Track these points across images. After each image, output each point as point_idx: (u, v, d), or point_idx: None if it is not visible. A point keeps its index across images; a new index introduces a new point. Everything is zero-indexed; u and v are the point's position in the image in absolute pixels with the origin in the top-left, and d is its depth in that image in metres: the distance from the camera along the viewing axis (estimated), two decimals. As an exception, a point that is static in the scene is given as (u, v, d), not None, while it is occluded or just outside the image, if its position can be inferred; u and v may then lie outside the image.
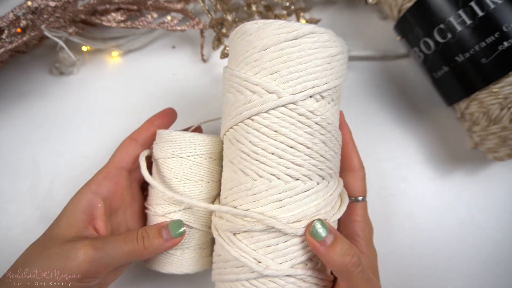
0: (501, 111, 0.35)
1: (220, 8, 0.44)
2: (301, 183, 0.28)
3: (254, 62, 0.28)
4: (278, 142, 0.28)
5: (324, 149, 0.28)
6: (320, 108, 0.28)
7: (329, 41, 0.28)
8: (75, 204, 0.31)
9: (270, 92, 0.27)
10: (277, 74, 0.27)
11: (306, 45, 0.27)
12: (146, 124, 0.35)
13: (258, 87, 0.27)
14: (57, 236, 0.29)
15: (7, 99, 0.45)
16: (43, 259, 0.27)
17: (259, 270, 0.27)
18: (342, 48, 0.29)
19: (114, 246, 0.29)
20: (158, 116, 0.36)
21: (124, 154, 0.33)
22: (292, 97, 0.27)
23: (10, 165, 0.44)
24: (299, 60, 0.27)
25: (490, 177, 0.44)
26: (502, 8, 0.33)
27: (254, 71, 0.28)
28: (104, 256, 0.28)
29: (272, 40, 0.27)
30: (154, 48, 0.48)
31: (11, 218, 0.42)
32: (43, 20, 0.40)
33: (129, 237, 0.30)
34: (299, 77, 0.27)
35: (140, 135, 0.34)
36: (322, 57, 0.27)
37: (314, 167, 0.28)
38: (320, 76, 0.27)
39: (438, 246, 0.43)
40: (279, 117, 0.27)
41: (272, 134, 0.28)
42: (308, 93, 0.27)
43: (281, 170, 0.28)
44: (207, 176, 0.34)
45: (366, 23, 0.49)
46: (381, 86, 0.47)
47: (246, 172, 0.29)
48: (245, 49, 0.28)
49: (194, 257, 0.34)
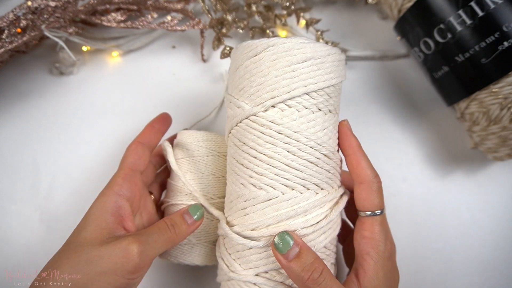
0: (501, 111, 0.35)
1: (220, 8, 0.44)
2: (264, 192, 0.28)
3: (232, 82, 0.31)
4: (244, 152, 0.29)
5: (290, 158, 0.28)
6: (284, 118, 0.28)
7: (291, 50, 0.28)
8: (101, 207, 0.31)
9: (238, 107, 0.30)
10: (243, 90, 0.29)
11: (265, 58, 0.28)
12: (148, 128, 0.37)
13: (232, 104, 0.30)
14: (89, 241, 0.29)
15: (7, 99, 0.45)
16: (82, 264, 0.27)
17: (227, 273, 0.30)
18: (312, 54, 0.28)
19: (153, 238, 0.30)
20: (157, 120, 0.37)
21: (136, 157, 0.34)
22: (251, 109, 0.28)
23: (10, 165, 0.44)
24: (259, 74, 0.28)
25: (490, 177, 0.44)
26: (502, 8, 0.33)
27: (231, 90, 0.31)
28: (149, 248, 0.29)
29: (240, 60, 0.30)
30: (154, 48, 0.48)
31: (11, 218, 0.42)
32: (43, 20, 0.40)
33: (161, 227, 0.31)
34: (258, 90, 0.28)
35: (145, 138, 0.36)
36: (281, 66, 0.28)
37: (278, 177, 0.28)
38: (279, 86, 0.28)
39: (438, 246, 0.43)
40: (244, 129, 0.29)
41: (240, 144, 0.30)
42: (267, 104, 0.28)
43: (246, 179, 0.29)
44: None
45: (366, 23, 0.49)
46: (381, 86, 0.47)
47: (228, 181, 0.32)
48: (230, 70, 0.32)
49: (205, 251, 0.36)
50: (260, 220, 0.28)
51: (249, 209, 0.29)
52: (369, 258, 0.29)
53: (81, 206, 0.40)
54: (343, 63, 0.31)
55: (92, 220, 0.30)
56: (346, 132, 0.31)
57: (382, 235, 0.29)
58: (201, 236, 0.35)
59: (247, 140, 0.29)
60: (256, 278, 0.29)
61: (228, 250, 0.31)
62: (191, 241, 0.35)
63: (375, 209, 0.30)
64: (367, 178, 0.30)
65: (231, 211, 0.31)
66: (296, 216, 0.28)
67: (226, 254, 0.31)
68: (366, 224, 0.30)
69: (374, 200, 0.30)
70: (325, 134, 0.29)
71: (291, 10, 0.45)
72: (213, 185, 0.36)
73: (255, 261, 0.29)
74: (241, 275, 0.29)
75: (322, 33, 0.45)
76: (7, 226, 0.42)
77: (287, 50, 0.28)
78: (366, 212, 0.30)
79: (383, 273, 0.28)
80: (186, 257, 0.35)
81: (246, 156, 0.29)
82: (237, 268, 0.30)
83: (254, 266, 0.29)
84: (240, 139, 0.30)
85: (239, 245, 0.30)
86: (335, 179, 0.30)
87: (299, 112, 0.28)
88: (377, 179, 0.30)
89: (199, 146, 0.36)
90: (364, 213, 0.30)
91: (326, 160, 0.29)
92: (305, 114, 0.28)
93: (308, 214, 0.29)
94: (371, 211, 0.30)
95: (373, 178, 0.30)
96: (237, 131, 0.30)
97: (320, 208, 0.29)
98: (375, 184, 0.30)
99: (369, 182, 0.30)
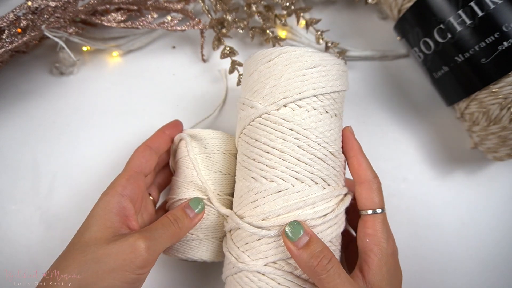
0: (501, 111, 0.35)
1: (220, 8, 0.44)
2: (274, 184, 0.30)
3: (245, 87, 0.34)
4: (256, 148, 0.31)
5: (300, 153, 0.30)
6: (295, 116, 0.30)
7: (302, 56, 0.31)
8: (105, 207, 0.31)
9: (251, 107, 0.32)
10: (256, 92, 0.32)
11: (279, 63, 0.31)
12: (158, 133, 0.38)
13: (245, 105, 0.33)
14: (93, 240, 0.29)
15: (7, 99, 0.45)
16: (89, 263, 0.27)
17: (236, 264, 0.31)
18: (321, 61, 0.31)
19: (158, 233, 0.30)
20: (168, 126, 0.38)
21: (142, 160, 0.35)
22: (264, 108, 0.31)
23: (10, 165, 0.44)
24: (273, 77, 0.31)
25: (490, 177, 0.44)
26: (502, 8, 0.33)
27: (245, 93, 0.34)
28: (155, 243, 0.30)
29: (255, 66, 0.32)
30: (154, 48, 0.48)
31: (11, 218, 0.42)
32: (43, 20, 0.40)
33: (165, 222, 0.32)
34: (271, 91, 0.31)
35: (154, 143, 0.36)
36: (293, 71, 0.31)
37: (288, 169, 0.30)
38: (291, 88, 0.30)
39: (438, 246, 0.43)
40: (257, 127, 0.31)
41: (252, 141, 0.32)
42: (280, 103, 0.30)
43: (258, 173, 0.31)
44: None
45: (366, 23, 0.49)
46: (381, 86, 0.47)
47: (237, 179, 0.34)
48: (243, 77, 0.35)
49: (213, 247, 0.36)
50: (270, 210, 0.30)
51: (260, 201, 0.31)
52: (372, 254, 0.30)
53: (81, 206, 0.41)
54: (346, 74, 0.34)
55: (96, 220, 0.30)
56: (350, 136, 0.33)
57: (384, 233, 0.30)
58: (208, 232, 0.36)
59: (259, 136, 0.31)
60: (265, 268, 0.29)
61: (237, 243, 0.32)
62: (198, 236, 0.35)
63: (376, 207, 0.31)
64: (367, 177, 0.31)
65: (241, 205, 0.32)
66: (305, 207, 0.30)
67: (235, 248, 0.31)
68: (368, 222, 0.31)
69: (375, 198, 0.31)
70: (332, 134, 0.31)
71: (291, 10, 0.45)
72: (220, 182, 0.36)
73: (265, 251, 0.30)
74: (249, 265, 0.30)
75: (322, 33, 0.45)
76: (7, 226, 0.42)
77: (299, 57, 0.31)
78: (367, 210, 0.31)
79: (386, 269, 0.29)
80: (194, 253, 0.36)
81: (258, 151, 0.31)
82: (246, 259, 0.30)
83: (263, 256, 0.30)
84: (252, 136, 0.32)
85: (249, 236, 0.30)
86: (340, 178, 0.32)
87: (308, 112, 0.31)
88: (376, 179, 0.32)
89: (206, 144, 0.36)
90: (366, 212, 0.31)
91: (333, 158, 0.31)
92: (314, 114, 0.31)
93: (316, 207, 0.30)
94: (372, 209, 0.31)
95: (373, 178, 0.32)
96: (250, 130, 0.32)
97: (327, 202, 0.30)
98: (375, 183, 0.31)
99: (370, 181, 0.31)
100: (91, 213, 0.31)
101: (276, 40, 0.45)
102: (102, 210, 0.31)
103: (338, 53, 0.46)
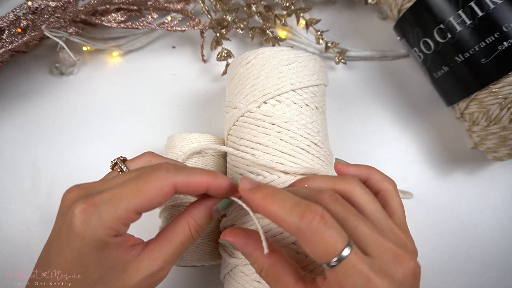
0: (500, 111, 0.35)
1: (220, 9, 0.44)
2: (261, 177, 0.31)
3: (228, 91, 0.35)
4: (241, 146, 0.32)
5: (283, 145, 0.31)
6: (276, 111, 0.32)
7: (277, 55, 0.32)
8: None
9: (234, 108, 0.33)
10: (238, 93, 0.34)
11: (256, 64, 0.33)
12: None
13: (229, 107, 0.34)
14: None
15: (7, 99, 0.45)
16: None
17: (230, 260, 0.31)
18: (296, 58, 0.32)
19: (176, 251, 0.27)
20: None
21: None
22: (246, 107, 0.32)
23: (10, 165, 0.44)
24: (252, 77, 0.33)
25: (490, 177, 0.44)
26: (502, 8, 0.33)
27: (228, 96, 0.35)
28: (171, 263, 0.27)
29: (235, 70, 0.34)
30: (154, 48, 0.48)
31: (11, 218, 0.42)
32: (43, 20, 0.40)
33: (184, 240, 0.27)
34: (251, 91, 0.33)
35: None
36: (270, 69, 0.32)
37: (272, 162, 0.31)
38: (269, 85, 0.32)
39: (438, 246, 0.43)
40: (241, 125, 0.33)
41: (238, 140, 0.33)
42: (260, 101, 0.32)
43: (244, 168, 0.32)
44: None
45: (366, 23, 0.49)
46: (381, 86, 0.47)
47: (228, 176, 0.35)
48: (227, 82, 0.36)
49: (210, 250, 0.36)
50: None
51: None
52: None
53: (81, 206, 0.41)
54: (324, 70, 0.35)
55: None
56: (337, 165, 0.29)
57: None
58: (204, 235, 0.35)
59: (243, 134, 0.32)
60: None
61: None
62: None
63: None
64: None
65: None
66: None
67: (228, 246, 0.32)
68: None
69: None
70: (314, 126, 0.33)
71: (291, 10, 0.45)
72: None
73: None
74: (242, 259, 0.30)
75: (322, 33, 0.45)
76: (7, 226, 0.42)
77: (275, 56, 0.32)
78: None
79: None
80: (192, 258, 0.35)
81: (244, 149, 0.32)
82: (239, 254, 0.31)
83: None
84: (238, 135, 0.33)
85: None
86: (326, 168, 0.33)
87: (288, 106, 0.32)
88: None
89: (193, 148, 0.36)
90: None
91: (316, 148, 0.32)
92: (294, 108, 0.32)
93: None
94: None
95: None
96: (235, 130, 0.33)
97: None
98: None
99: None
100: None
101: (276, 40, 0.45)
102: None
103: (338, 53, 0.46)
